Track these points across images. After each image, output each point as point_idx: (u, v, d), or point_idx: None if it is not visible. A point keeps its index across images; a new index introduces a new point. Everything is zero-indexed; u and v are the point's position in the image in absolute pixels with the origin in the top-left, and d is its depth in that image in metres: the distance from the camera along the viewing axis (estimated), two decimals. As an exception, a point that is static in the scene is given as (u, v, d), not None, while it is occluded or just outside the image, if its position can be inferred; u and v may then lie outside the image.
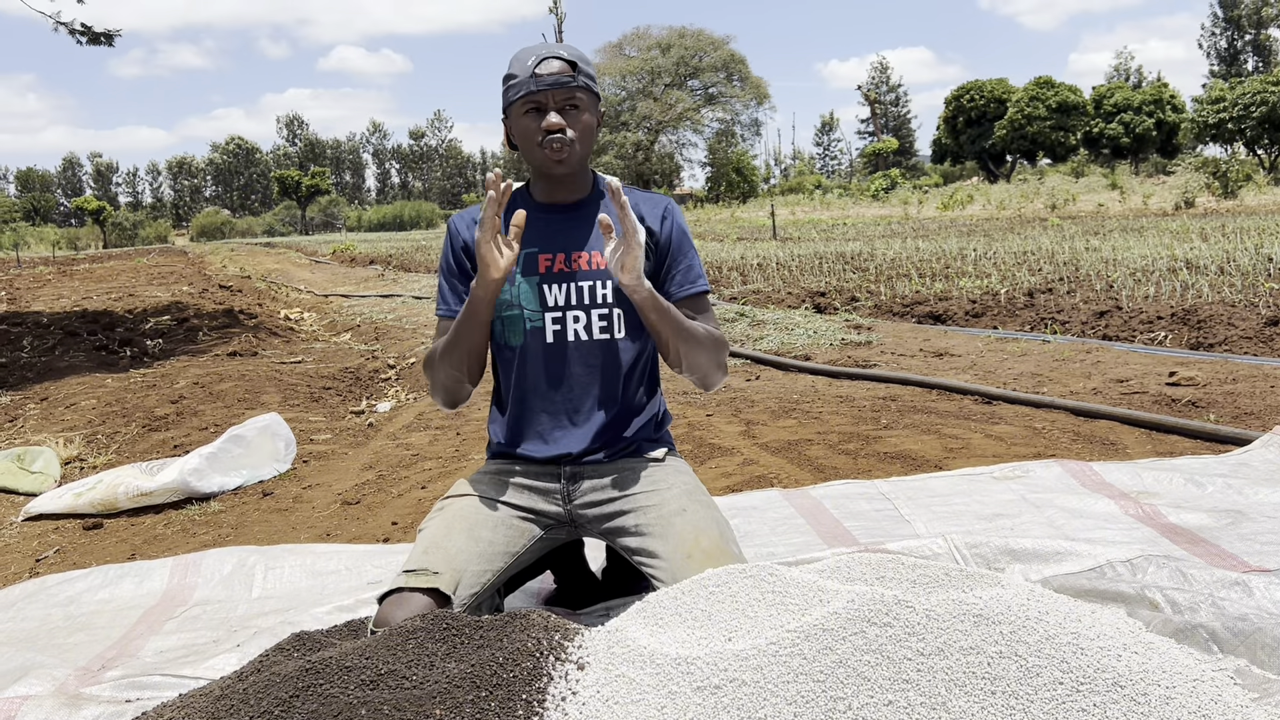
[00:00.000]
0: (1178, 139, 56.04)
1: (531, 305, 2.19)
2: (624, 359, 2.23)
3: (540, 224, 2.21)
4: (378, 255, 24.92)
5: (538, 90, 2.09)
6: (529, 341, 2.20)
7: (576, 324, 2.19)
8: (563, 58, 2.11)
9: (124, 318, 10.77)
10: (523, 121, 2.13)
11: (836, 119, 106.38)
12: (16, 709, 1.92)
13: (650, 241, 2.23)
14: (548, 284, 2.19)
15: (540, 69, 2.10)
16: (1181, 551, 2.48)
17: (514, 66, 2.14)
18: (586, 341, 2.20)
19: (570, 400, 2.22)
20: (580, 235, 2.22)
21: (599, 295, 2.19)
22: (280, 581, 2.85)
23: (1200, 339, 6.17)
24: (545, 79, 2.09)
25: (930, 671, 1.43)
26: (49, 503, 3.77)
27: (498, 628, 1.71)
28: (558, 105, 2.11)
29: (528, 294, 2.19)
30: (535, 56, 2.10)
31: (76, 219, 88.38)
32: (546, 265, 2.19)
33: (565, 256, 2.19)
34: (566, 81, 2.09)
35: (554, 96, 2.09)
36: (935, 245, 15.56)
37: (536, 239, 2.20)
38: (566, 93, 2.10)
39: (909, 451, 3.89)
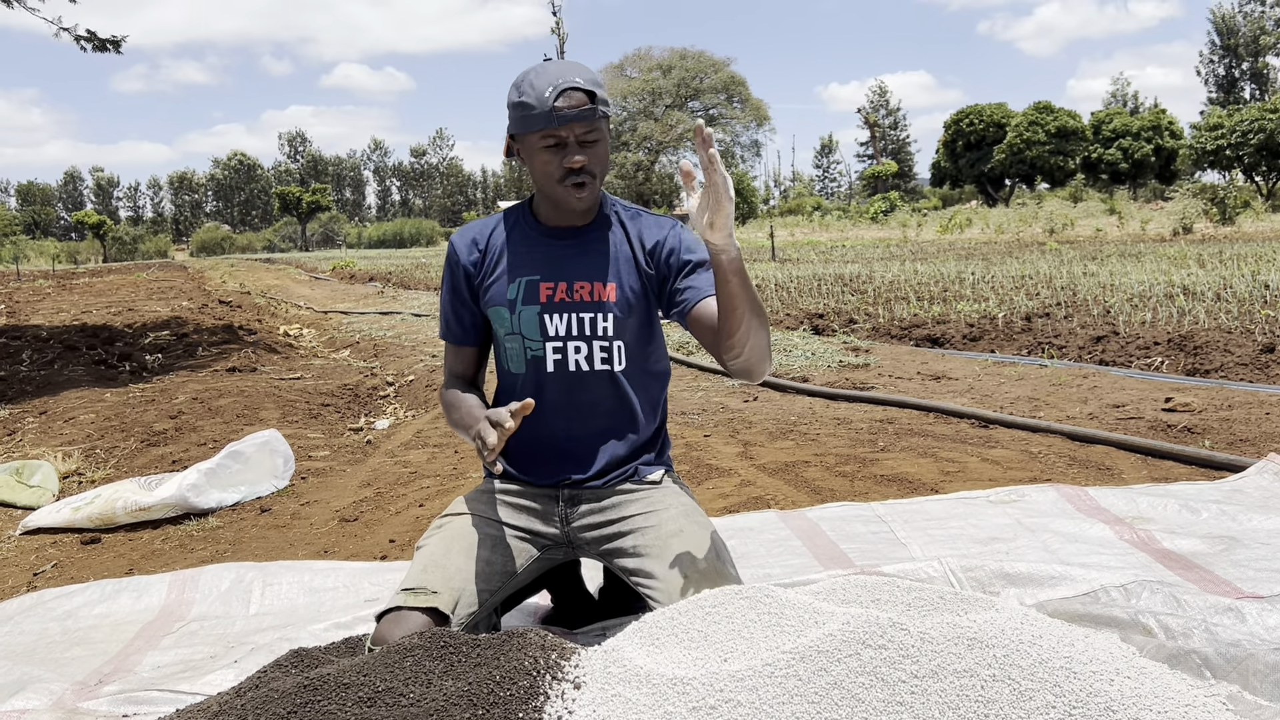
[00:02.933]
0: (1176, 165, 56.31)
1: (533, 334, 2.17)
2: (626, 389, 2.22)
3: (543, 249, 2.18)
4: (377, 272, 24.96)
5: (558, 125, 2.01)
6: (530, 370, 2.19)
7: (578, 354, 2.17)
8: (582, 87, 2.02)
9: (123, 332, 10.78)
10: (540, 155, 2.06)
11: (836, 141, 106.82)
12: (14, 723, 1.93)
13: (650, 254, 2.19)
14: (548, 313, 2.16)
15: (560, 102, 2.00)
16: (1175, 577, 2.49)
17: (527, 93, 2.04)
18: (588, 372, 2.18)
19: (571, 429, 2.22)
20: (583, 264, 2.18)
21: (599, 328, 2.17)
22: (278, 598, 2.86)
23: (1196, 365, 6.19)
24: (566, 113, 2.00)
25: (924, 694, 1.44)
26: (47, 517, 3.78)
27: (495, 646, 1.72)
28: (578, 139, 2.04)
29: (529, 323, 2.17)
30: (553, 86, 2.00)
31: (77, 233, 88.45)
32: (548, 294, 2.16)
33: (567, 286, 2.16)
34: (587, 114, 2.02)
35: (575, 130, 2.02)
36: (933, 268, 15.61)
37: (539, 265, 2.18)
38: (587, 125, 2.03)
39: (905, 474, 3.90)
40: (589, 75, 2.06)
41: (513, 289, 2.18)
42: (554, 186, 2.08)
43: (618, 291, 2.17)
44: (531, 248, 2.19)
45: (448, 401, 2.23)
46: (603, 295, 2.16)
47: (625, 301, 2.17)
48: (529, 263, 2.18)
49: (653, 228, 2.22)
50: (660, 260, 2.18)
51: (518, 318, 2.17)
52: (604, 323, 2.17)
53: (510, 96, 2.08)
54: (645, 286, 2.20)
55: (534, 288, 2.17)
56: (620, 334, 2.18)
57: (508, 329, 2.18)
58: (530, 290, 2.17)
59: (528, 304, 2.16)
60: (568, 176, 2.05)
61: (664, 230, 2.21)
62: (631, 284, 2.18)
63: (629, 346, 2.20)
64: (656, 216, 2.25)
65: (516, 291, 2.17)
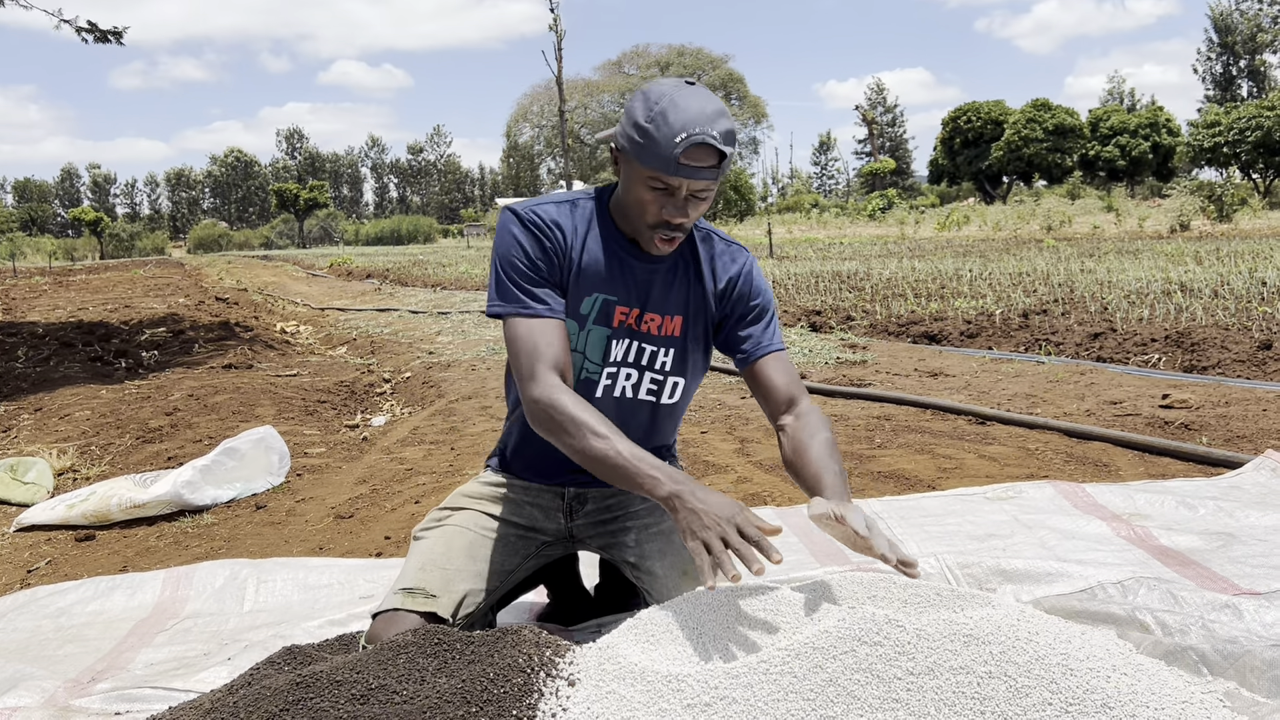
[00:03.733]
0: (1173, 162, 56.38)
1: (595, 357, 2.05)
2: (660, 416, 2.18)
3: (620, 265, 2.03)
4: (375, 269, 24.94)
5: (674, 174, 1.84)
6: (577, 389, 2.06)
7: (627, 381, 2.10)
8: (715, 143, 1.82)
9: (119, 329, 10.76)
10: (643, 191, 1.90)
11: (834, 139, 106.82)
12: (5, 720, 1.92)
13: (722, 293, 2.11)
14: (616, 338, 2.06)
15: (687, 157, 1.82)
16: (1172, 574, 2.48)
17: (658, 126, 1.82)
18: (631, 399, 2.12)
19: None
20: (659, 292, 2.06)
21: (659, 362, 2.10)
22: (272, 595, 2.85)
23: (1193, 362, 6.19)
24: (689, 170, 1.84)
25: (920, 691, 1.44)
26: (41, 514, 3.77)
27: (489, 643, 1.71)
28: (689, 194, 1.89)
29: (595, 345, 2.05)
30: (686, 134, 1.80)
31: (74, 230, 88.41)
32: (621, 319, 2.05)
33: (639, 314, 2.06)
34: (709, 175, 1.86)
35: (688, 186, 1.87)
36: (931, 265, 15.60)
37: (617, 284, 2.04)
38: (703, 184, 1.88)
39: (902, 471, 3.90)
40: (726, 125, 1.85)
41: (588, 304, 2.03)
42: (642, 224, 1.95)
43: (683, 326, 2.10)
44: (610, 260, 2.03)
45: (581, 418, 1.83)
46: (670, 329, 2.09)
47: (689, 338, 2.11)
48: (608, 279, 2.03)
49: (727, 262, 2.13)
50: (730, 300, 2.11)
51: (585, 335, 2.03)
52: (664, 357, 2.10)
53: (636, 111, 1.87)
54: (710, 324, 2.13)
55: (609, 309, 2.04)
56: (676, 370, 2.12)
57: (571, 345, 2.03)
58: (605, 311, 2.04)
59: (598, 324, 2.04)
60: (661, 227, 1.93)
61: (738, 266, 2.13)
62: (700, 320, 2.12)
63: (681, 382, 2.15)
64: (730, 245, 2.15)
65: (591, 307, 2.03)
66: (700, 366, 2.19)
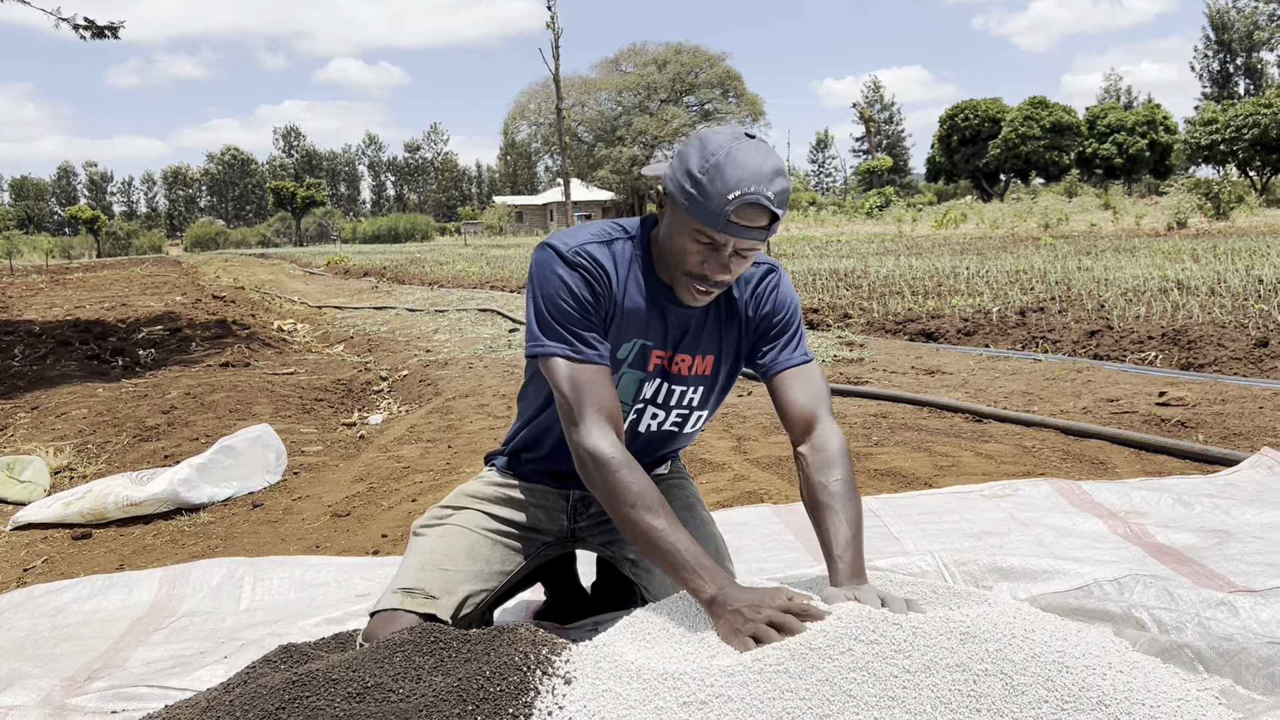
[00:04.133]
0: (1170, 160, 56.43)
1: (626, 399, 2.04)
2: (679, 441, 2.19)
3: (659, 309, 1.98)
4: (372, 267, 24.92)
5: (722, 232, 1.78)
6: None
7: (653, 420, 2.09)
8: (769, 205, 1.76)
9: (116, 327, 10.75)
10: (686, 242, 1.84)
11: (831, 136, 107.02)
12: (1, 719, 1.92)
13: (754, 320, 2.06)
14: (649, 380, 2.04)
15: (738, 216, 1.76)
16: (1168, 571, 2.48)
17: (711, 179, 1.76)
18: (655, 432, 2.11)
19: None
20: (688, 332, 2.02)
21: (686, 399, 2.08)
22: (269, 593, 2.85)
23: (1190, 359, 6.19)
24: (739, 229, 1.78)
25: (916, 689, 1.44)
26: (38, 512, 3.76)
27: (485, 641, 1.71)
28: (735, 251, 1.83)
29: (627, 388, 2.03)
30: (740, 193, 1.74)
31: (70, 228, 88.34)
32: (657, 362, 2.02)
33: (671, 356, 2.03)
34: (758, 237, 1.80)
35: (736, 244, 1.81)
36: (928, 263, 15.61)
37: (655, 329, 2.00)
38: (750, 243, 1.82)
39: (899, 469, 3.90)
40: (781, 185, 1.78)
41: (626, 349, 1.99)
42: (679, 273, 1.89)
43: (716, 364, 2.07)
44: (650, 305, 1.98)
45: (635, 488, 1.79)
46: (701, 369, 2.06)
47: (720, 373, 2.09)
48: (647, 323, 1.99)
49: (759, 286, 2.06)
50: (756, 321, 2.07)
51: (619, 378, 2.01)
52: (692, 394, 2.08)
53: (690, 159, 1.80)
54: (741, 354, 2.10)
55: (645, 354, 2.01)
56: (702, 405, 2.11)
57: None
58: (641, 355, 2.01)
59: (634, 368, 2.02)
60: (700, 280, 1.87)
61: (766, 286, 2.06)
62: (732, 355, 2.08)
63: (705, 414, 2.14)
64: (762, 267, 2.07)
65: (629, 352, 2.00)
66: (726, 391, 2.18)
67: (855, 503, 1.86)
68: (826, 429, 1.94)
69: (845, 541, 1.79)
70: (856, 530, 1.82)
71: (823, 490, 1.86)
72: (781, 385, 2.01)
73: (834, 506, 1.84)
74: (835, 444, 1.92)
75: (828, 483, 1.86)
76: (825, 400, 2.00)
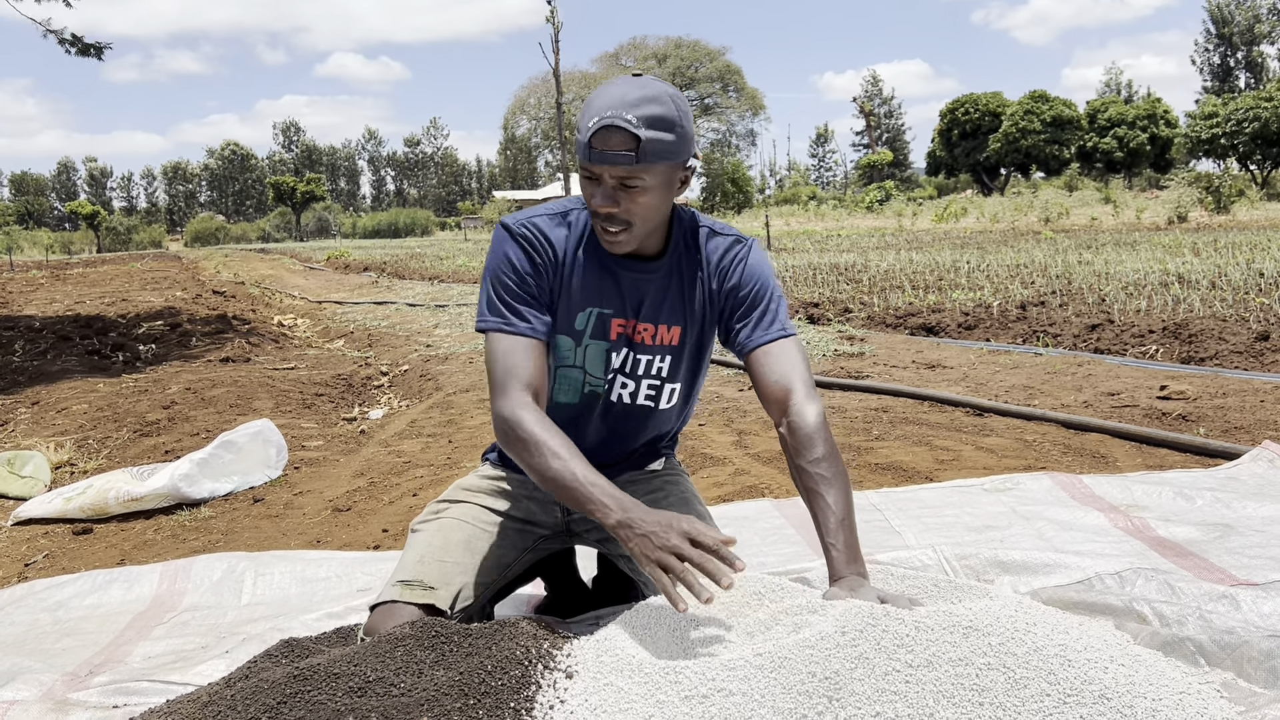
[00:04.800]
0: (1171, 154, 56.36)
1: (596, 371, 2.03)
2: (659, 420, 2.16)
3: (613, 277, 1.99)
4: (372, 262, 24.91)
5: (592, 163, 1.79)
6: (582, 402, 2.07)
7: (624, 389, 2.07)
8: (627, 126, 1.75)
9: (117, 322, 10.75)
10: (582, 182, 1.87)
11: (831, 131, 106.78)
12: (3, 714, 1.91)
13: (722, 291, 2.02)
14: (615, 350, 2.03)
15: (596, 139, 1.77)
16: (1170, 564, 2.48)
17: (583, 113, 1.81)
18: (628, 405, 2.09)
19: (592, 449, 2.11)
20: (648, 301, 2.01)
21: (654, 368, 2.06)
22: (270, 588, 2.85)
23: (1191, 353, 6.19)
24: (600, 154, 1.78)
25: (918, 683, 1.43)
26: (39, 507, 3.76)
27: (486, 635, 1.71)
28: (613, 181, 1.81)
29: (595, 359, 2.03)
30: (598, 117, 1.76)
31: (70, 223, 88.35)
32: (619, 331, 2.01)
33: (634, 324, 2.02)
34: (623, 161, 1.77)
35: (609, 172, 1.80)
36: (929, 257, 15.60)
37: (610, 298, 2.00)
38: (624, 171, 1.78)
39: (900, 463, 3.90)
40: (649, 110, 1.77)
41: (582, 319, 2.00)
42: (594, 218, 1.89)
43: (683, 334, 2.05)
44: (603, 273, 1.98)
45: (541, 439, 1.80)
46: (666, 339, 2.03)
47: (686, 345, 2.07)
48: (601, 291, 1.99)
49: (726, 257, 2.03)
50: (724, 293, 2.03)
51: (583, 351, 2.01)
52: (660, 364, 2.05)
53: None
54: (711, 327, 2.07)
55: (605, 322, 2.00)
56: (673, 377, 2.08)
57: (568, 361, 2.02)
58: (601, 324, 2.00)
59: (596, 338, 2.01)
60: (595, 216, 1.87)
61: (733, 257, 2.03)
62: (700, 327, 2.06)
63: (680, 386, 2.11)
64: (726, 236, 2.04)
65: (586, 323, 2.00)
66: (703, 368, 2.16)
67: (839, 480, 1.82)
68: (802, 406, 1.88)
69: (835, 525, 1.76)
70: (845, 509, 1.79)
71: (804, 474, 1.83)
72: (754, 364, 1.96)
73: (818, 490, 1.80)
74: (812, 420, 1.86)
75: (807, 465, 1.83)
76: (801, 375, 1.93)
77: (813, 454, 1.83)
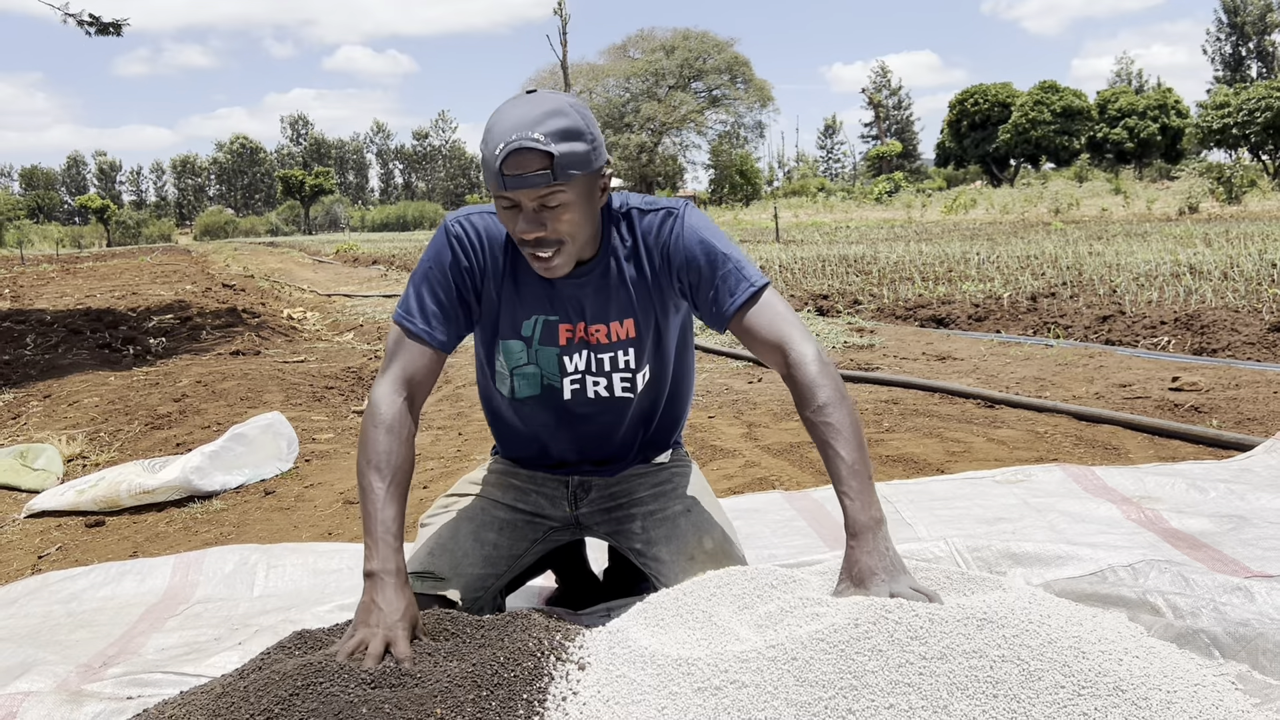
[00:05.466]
0: (1182, 144, 56.04)
1: (550, 370, 2.03)
2: (645, 407, 2.14)
3: (550, 287, 1.97)
4: (381, 255, 24.94)
5: (506, 190, 1.73)
6: (544, 394, 2.06)
7: (596, 386, 2.05)
8: (536, 145, 1.70)
9: (127, 316, 10.78)
10: (500, 213, 1.81)
11: (840, 122, 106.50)
12: (18, 705, 1.92)
13: (670, 269, 1.97)
14: (569, 354, 2.01)
15: (507, 165, 1.71)
16: (1183, 556, 2.47)
17: (485, 143, 1.75)
18: (607, 398, 2.07)
19: (583, 442, 2.14)
20: (597, 304, 1.98)
21: (620, 362, 2.03)
22: (282, 580, 2.85)
23: (1203, 344, 6.16)
24: (513, 179, 1.72)
25: (932, 675, 1.43)
26: (51, 500, 3.78)
27: (499, 627, 1.71)
28: (533, 204, 1.76)
29: (548, 361, 2.02)
30: (503, 143, 1.70)
31: (80, 217, 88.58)
32: (568, 336, 2.00)
33: (584, 326, 2.00)
34: (539, 181, 1.72)
35: (527, 196, 1.74)
36: (938, 249, 15.56)
37: (552, 305, 1.98)
38: (542, 191, 1.73)
39: (911, 455, 3.89)
40: (555, 124, 1.73)
41: (529, 325, 2.00)
42: (523, 248, 1.84)
43: (637, 326, 2.01)
44: (541, 281, 1.96)
45: (376, 445, 1.83)
46: (619, 334, 2.01)
47: (647, 332, 2.03)
48: (544, 299, 1.98)
49: (656, 236, 1.96)
50: (673, 272, 1.96)
51: (534, 353, 2.02)
52: (625, 357, 2.03)
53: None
54: (669, 306, 2.02)
55: (552, 329, 1.99)
56: (642, 364, 2.05)
57: (520, 362, 2.02)
58: (548, 331, 2.00)
59: (545, 344, 2.01)
60: (524, 245, 1.82)
61: (664, 234, 1.95)
62: (653, 311, 2.02)
63: (654, 370, 2.08)
64: (653, 214, 1.97)
65: (533, 330, 2.00)
66: (676, 346, 2.11)
67: (846, 426, 1.75)
68: (798, 351, 1.82)
69: (846, 472, 1.70)
70: (855, 454, 1.72)
71: (811, 426, 1.78)
72: (739, 330, 1.90)
73: (826, 440, 1.75)
74: (811, 364, 1.80)
75: (811, 415, 1.77)
76: (789, 320, 1.87)
77: (816, 401, 1.77)
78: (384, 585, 1.70)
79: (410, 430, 1.88)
